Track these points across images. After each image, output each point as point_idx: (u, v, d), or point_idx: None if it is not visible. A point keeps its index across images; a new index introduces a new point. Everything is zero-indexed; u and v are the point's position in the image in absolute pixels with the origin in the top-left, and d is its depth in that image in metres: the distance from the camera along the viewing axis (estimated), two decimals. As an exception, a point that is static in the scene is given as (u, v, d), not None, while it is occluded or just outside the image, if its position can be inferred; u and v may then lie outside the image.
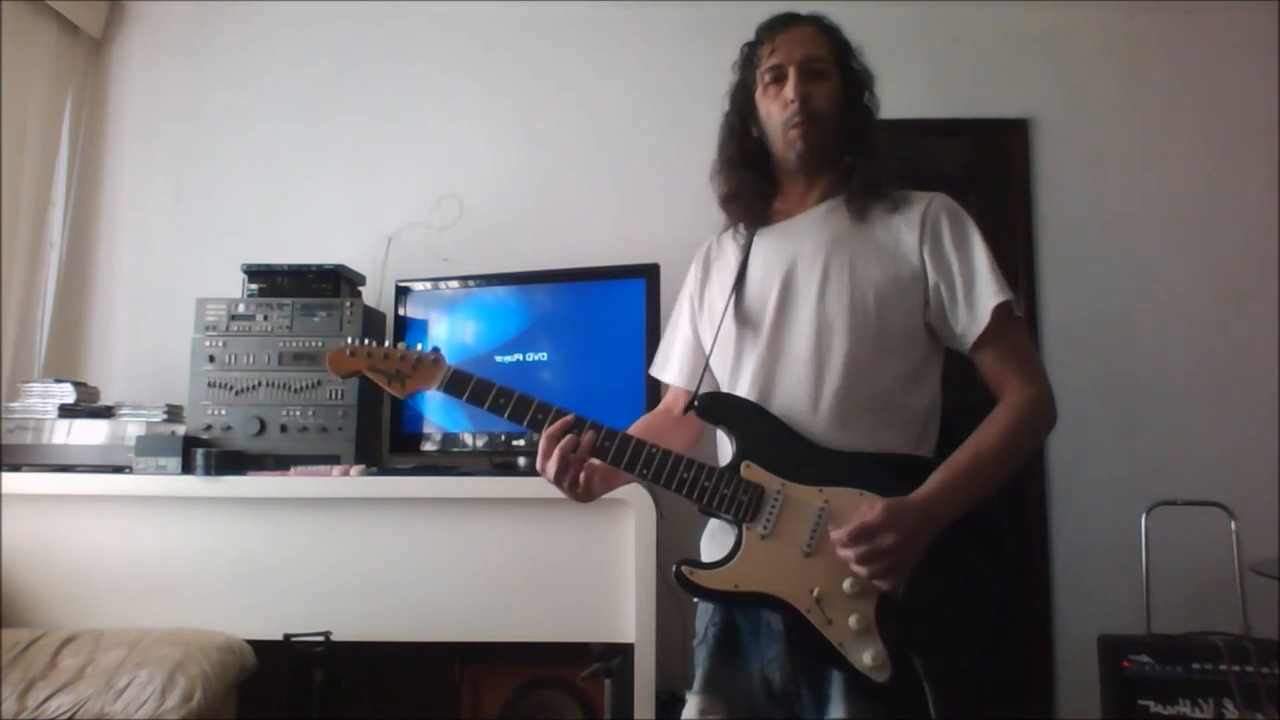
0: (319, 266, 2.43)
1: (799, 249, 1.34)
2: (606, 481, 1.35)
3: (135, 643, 1.95)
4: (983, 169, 2.78)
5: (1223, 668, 2.02)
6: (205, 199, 2.84)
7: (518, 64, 2.85)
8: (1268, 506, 2.40)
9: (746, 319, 1.36)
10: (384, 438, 2.52)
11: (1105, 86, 2.74)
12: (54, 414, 2.32)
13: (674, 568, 1.24)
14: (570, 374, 2.39)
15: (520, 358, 2.43)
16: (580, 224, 2.74)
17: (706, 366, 1.41)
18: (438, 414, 2.45)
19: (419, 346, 1.39)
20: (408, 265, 2.67)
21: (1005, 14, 2.78)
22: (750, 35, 1.42)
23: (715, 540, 1.34)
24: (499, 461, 2.40)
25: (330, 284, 2.43)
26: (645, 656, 1.97)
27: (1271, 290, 2.59)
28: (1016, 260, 2.66)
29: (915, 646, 1.17)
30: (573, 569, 2.07)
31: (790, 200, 1.41)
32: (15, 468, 2.22)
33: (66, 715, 1.82)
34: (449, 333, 2.52)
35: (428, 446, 2.44)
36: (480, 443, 2.38)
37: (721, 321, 1.39)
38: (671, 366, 1.52)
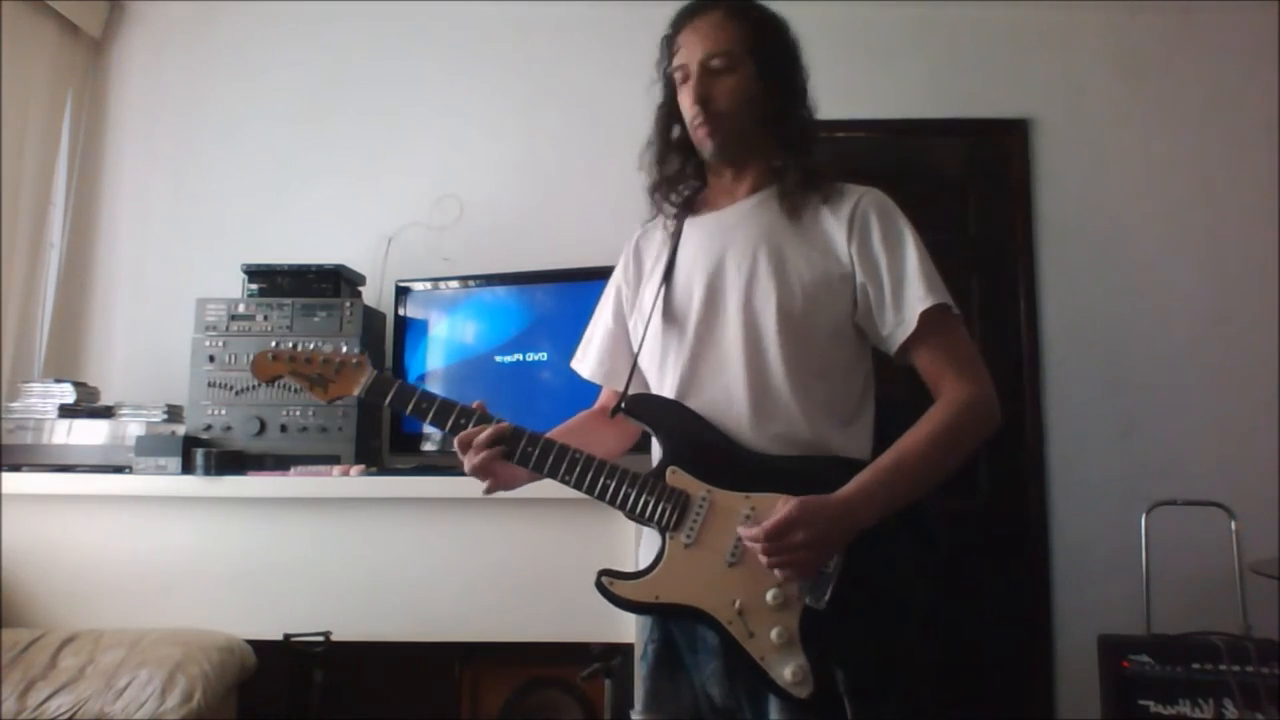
0: (319, 266, 2.43)
1: (727, 244, 1.30)
2: (517, 476, 1.32)
3: (135, 643, 1.95)
4: (982, 169, 2.78)
5: (1223, 668, 2.02)
6: (205, 199, 2.84)
7: (518, 63, 2.85)
8: (1268, 506, 2.39)
9: (673, 316, 1.31)
10: (384, 438, 2.52)
11: (1105, 86, 2.74)
12: (54, 414, 2.32)
13: (596, 577, 1.21)
14: (570, 374, 2.37)
15: (520, 358, 2.43)
16: (580, 224, 2.74)
17: (635, 364, 1.37)
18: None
19: (343, 347, 1.35)
20: (408, 265, 2.67)
21: (1005, 14, 2.78)
22: None
23: (648, 548, 1.29)
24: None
25: (330, 284, 2.43)
26: (645, 656, 1.96)
27: (1271, 290, 2.59)
28: (1017, 260, 2.67)
29: (837, 659, 1.12)
30: (573, 569, 2.06)
31: (718, 191, 1.37)
32: (15, 468, 2.22)
33: (66, 715, 1.82)
34: (449, 333, 2.52)
35: (428, 446, 2.44)
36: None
37: (650, 318, 1.34)
38: (589, 360, 1.48)
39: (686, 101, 1.31)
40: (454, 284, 2.56)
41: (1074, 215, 2.68)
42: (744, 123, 1.29)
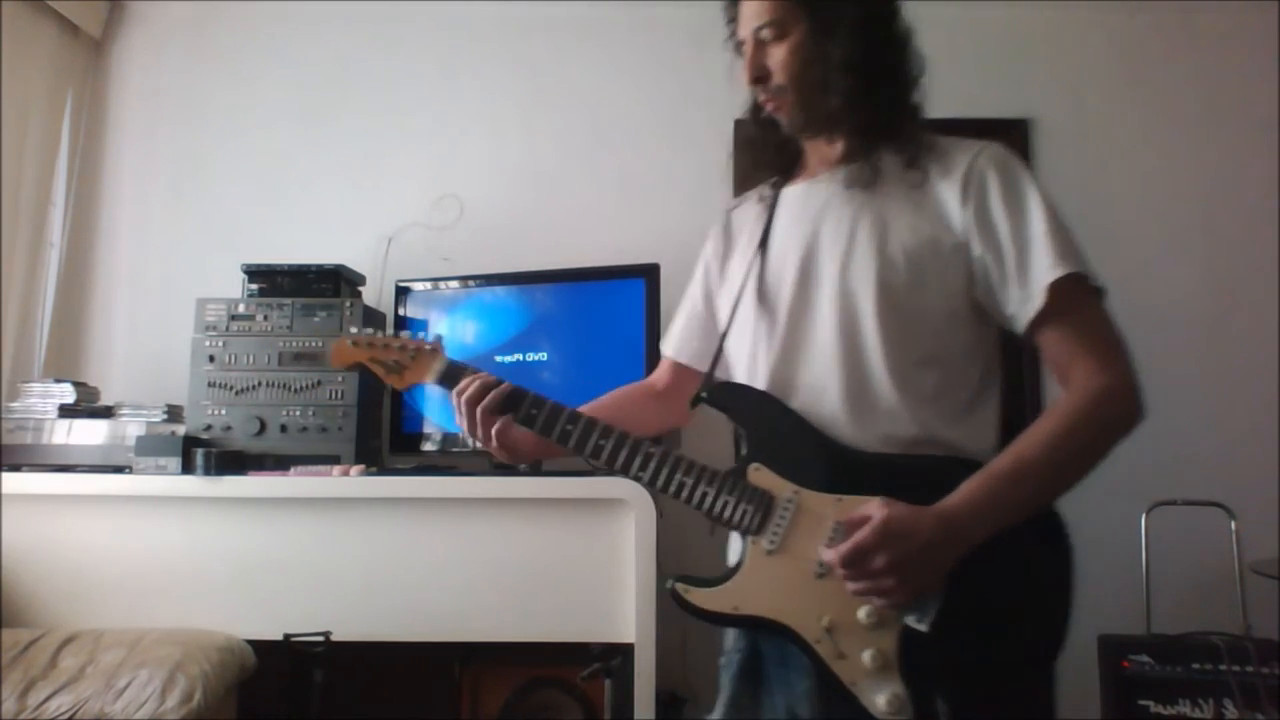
0: (319, 266, 2.43)
1: (823, 214, 1.16)
2: (541, 447, 1.23)
3: (135, 643, 1.95)
4: (983, 169, 2.78)
5: (1223, 668, 2.02)
6: (205, 199, 2.84)
7: (518, 64, 2.85)
8: (1268, 506, 2.39)
9: (766, 298, 1.18)
10: (384, 438, 2.52)
11: (1105, 86, 2.74)
12: (54, 414, 2.32)
13: (669, 584, 1.10)
14: (570, 374, 2.39)
15: (520, 358, 2.43)
16: (580, 224, 2.74)
17: (720, 348, 1.25)
18: (438, 414, 2.45)
19: (420, 336, 1.29)
20: (408, 265, 2.67)
21: (1005, 14, 2.78)
22: None
23: (732, 547, 1.17)
24: (499, 462, 2.39)
25: (330, 284, 2.43)
26: (645, 656, 1.97)
27: (1271, 290, 2.59)
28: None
29: (940, 688, 0.99)
30: (573, 569, 2.07)
31: (815, 157, 1.23)
32: (15, 468, 2.22)
33: (66, 715, 1.81)
34: (449, 333, 2.51)
35: (428, 446, 2.44)
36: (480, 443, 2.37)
37: (739, 299, 1.21)
38: (672, 339, 1.37)
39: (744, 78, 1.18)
40: (454, 284, 2.56)
41: (1074, 215, 2.65)
42: (810, 91, 1.14)
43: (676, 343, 1.36)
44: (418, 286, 2.57)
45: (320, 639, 2.00)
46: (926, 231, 1.09)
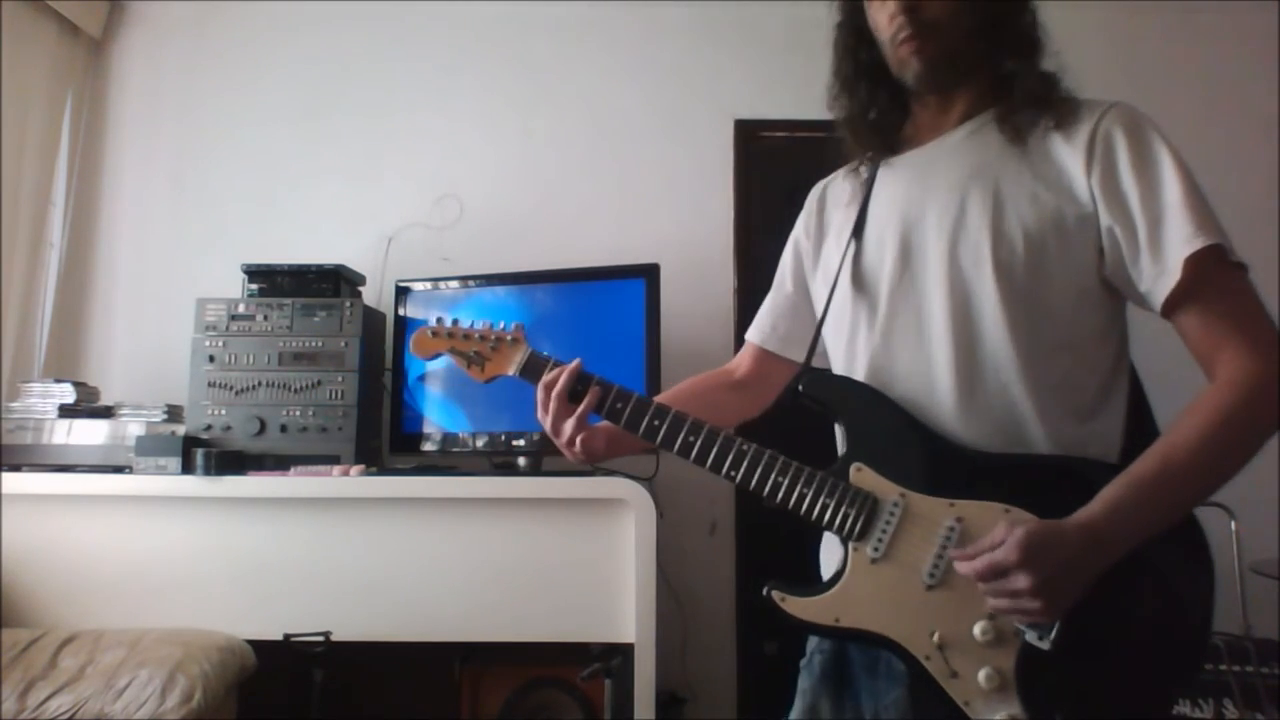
0: (319, 266, 2.43)
1: (929, 187, 1.05)
2: (615, 445, 1.15)
3: (135, 643, 1.95)
4: (983, 169, 2.77)
5: (1223, 668, 2.02)
6: (205, 199, 2.84)
7: (518, 64, 2.85)
8: (1268, 506, 2.39)
9: (863, 281, 1.08)
10: (384, 438, 2.52)
11: (1105, 86, 2.74)
12: (54, 414, 2.32)
13: (764, 590, 1.01)
14: (570, 374, 2.39)
15: (520, 358, 2.43)
16: (580, 224, 2.74)
17: (817, 336, 1.16)
18: (438, 414, 2.45)
19: (501, 324, 1.21)
20: (408, 265, 2.67)
21: (1005, 14, 2.78)
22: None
23: (829, 551, 1.08)
24: (499, 461, 2.40)
25: (330, 284, 2.43)
26: (645, 656, 1.97)
27: (1272, 290, 2.57)
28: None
29: (1063, 711, 0.91)
30: (573, 569, 2.07)
31: (922, 124, 1.12)
32: (15, 468, 2.22)
33: (66, 715, 1.81)
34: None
35: (428, 446, 2.44)
36: (480, 443, 2.38)
37: (836, 281, 1.11)
38: (760, 324, 1.28)
39: (884, 13, 1.05)
40: (454, 284, 2.56)
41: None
42: (958, 35, 1.03)
43: (762, 328, 1.27)
44: (418, 286, 2.57)
45: (320, 639, 2.00)
46: (1048, 202, 0.98)
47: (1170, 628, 0.93)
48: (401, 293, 2.57)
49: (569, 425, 1.11)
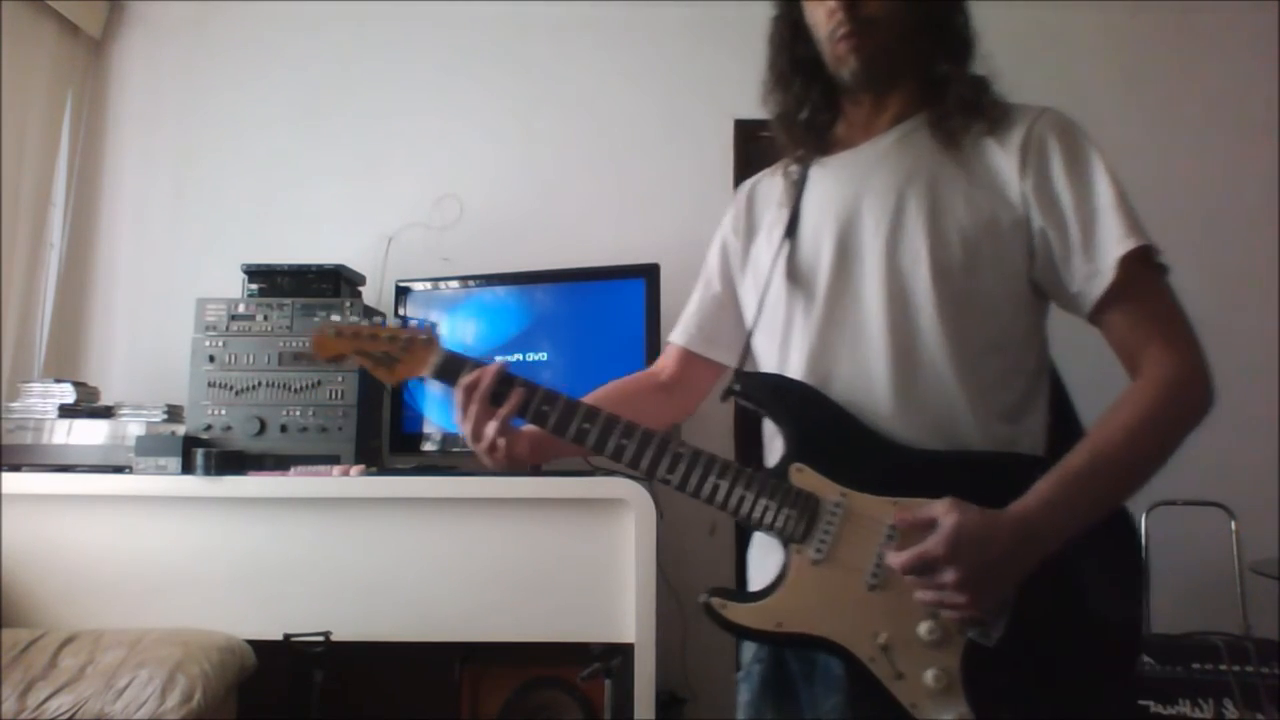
0: (319, 266, 2.43)
1: (864, 187, 1.05)
2: (539, 450, 1.12)
3: (135, 643, 1.95)
4: (983, 169, 2.77)
5: (1223, 668, 2.02)
6: (205, 199, 2.84)
7: (518, 64, 2.85)
8: (1268, 506, 2.39)
9: (798, 280, 1.07)
10: (384, 438, 2.52)
11: (1105, 86, 2.74)
12: (54, 414, 2.32)
13: (703, 599, 0.99)
14: (570, 374, 2.39)
15: (520, 358, 2.43)
16: (580, 224, 2.74)
17: (751, 335, 1.14)
18: (438, 414, 2.45)
19: (413, 324, 1.16)
20: (408, 265, 2.67)
21: (1005, 14, 2.77)
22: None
23: (765, 555, 1.06)
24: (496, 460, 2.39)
25: (330, 284, 2.43)
26: (645, 656, 1.97)
27: (1272, 290, 2.59)
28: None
29: (1011, 709, 0.91)
30: (573, 569, 2.07)
31: (854, 125, 1.12)
32: (15, 468, 2.22)
33: (66, 715, 1.81)
34: (449, 333, 2.52)
35: (428, 446, 2.44)
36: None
37: (769, 281, 1.10)
38: (685, 326, 1.25)
39: (823, 9, 1.04)
40: (454, 284, 2.56)
41: (1074, 215, 2.68)
42: (895, 34, 1.04)
43: (687, 329, 1.25)
44: (418, 286, 2.57)
45: (320, 639, 2.00)
46: (983, 205, 1.00)
47: (1105, 622, 0.94)
48: (401, 293, 2.57)
49: (491, 428, 1.06)
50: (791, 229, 1.09)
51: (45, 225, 2.75)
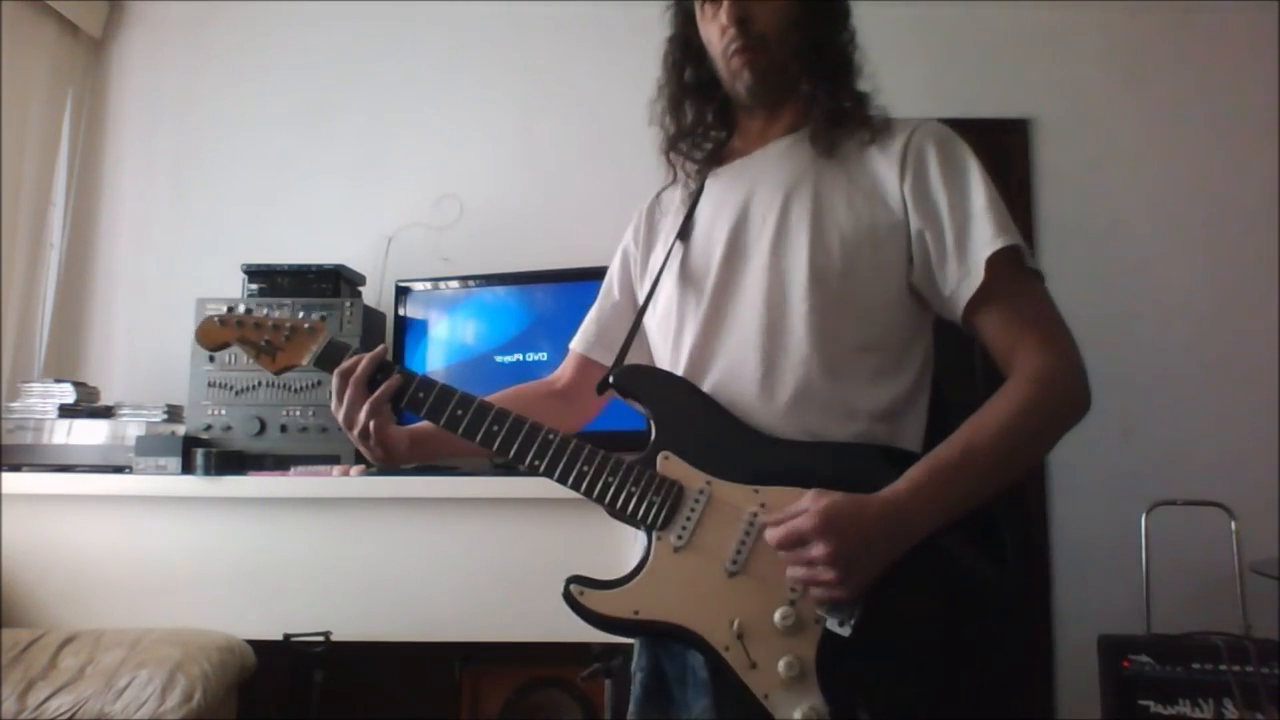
0: (319, 266, 2.43)
1: (753, 192, 1.09)
2: (421, 446, 1.13)
3: (135, 643, 1.95)
4: (983, 169, 2.78)
5: (1223, 668, 2.02)
6: (205, 199, 2.84)
7: (518, 64, 2.85)
8: (1268, 506, 2.39)
9: (689, 279, 1.10)
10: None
11: (1105, 86, 2.74)
12: (54, 414, 2.32)
13: (564, 587, 1.01)
14: (570, 374, 2.39)
15: (520, 358, 2.43)
16: (580, 224, 2.73)
17: (632, 335, 1.17)
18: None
19: (300, 315, 1.19)
20: (408, 265, 2.67)
21: (1005, 14, 2.78)
22: None
23: (636, 545, 1.05)
24: (499, 461, 2.40)
25: (330, 284, 2.43)
26: (645, 656, 1.97)
27: (1271, 290, 2.59)
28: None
29: (863, 700, 0.90)
30: (572, 569, 2.06)
31: (749, 139, 1.16)
32: (15, 468, 2.22)
33: (66, 715, 1.82)
34: (449, 333, 2.52)
35: (428, 446, 2.44)
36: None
37: (657, 281, 1.14)
38: (585, 333, 1.28)
39: (715, 26, 1.09)
40: (454, 284, 2.56)
41: (1074, 215, 2.68)
42: (785, 51, 1.08)
43: (586, 336, 1.28)
44: (418, 286, 2.57)
45: (320, 639, 2.00)
46: (863, 210, 1.03)
47: (965, 617, 0.94)
48: (401, 293, 2.57)
49: (363, 412, 1.07)
50: (685, 232, 1.13)
51: (45, 225, 2.75)
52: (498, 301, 2.50)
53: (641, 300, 1.18)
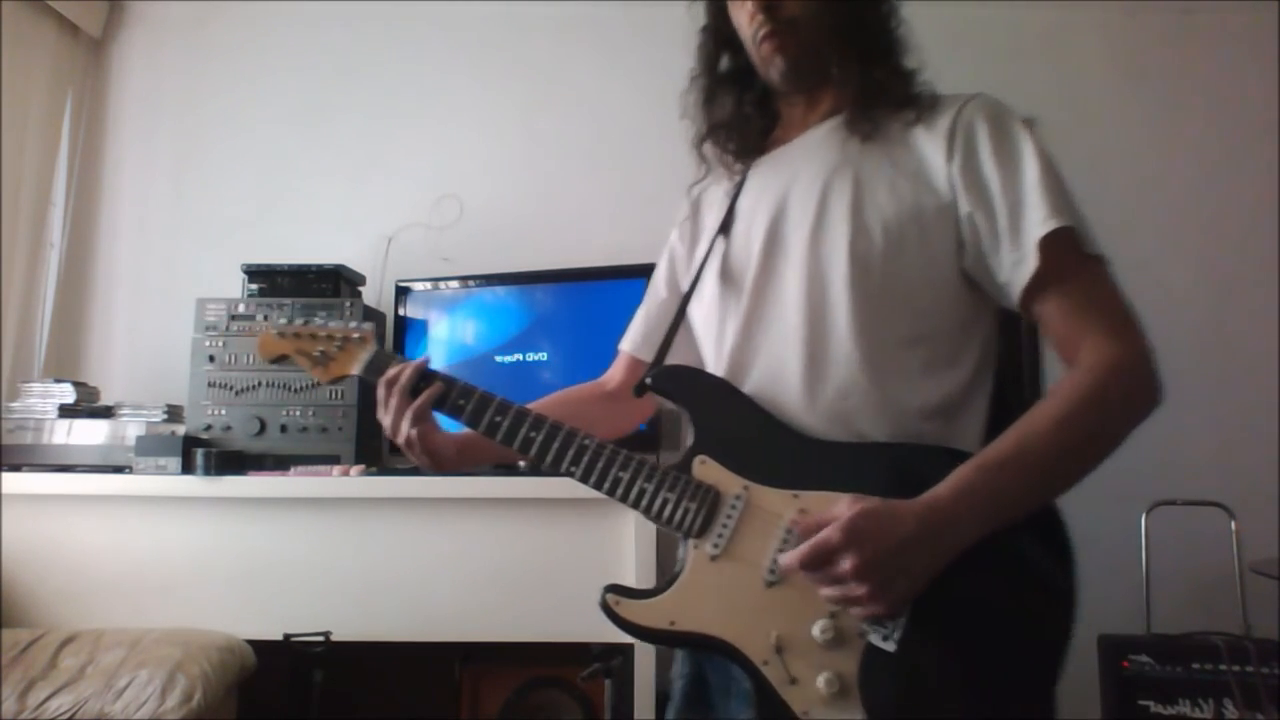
0: (319, 266, 2.43)
1: (792, 182, 1.04)
2: (468, 452, 1.14)
3: (135, 643, 1.95)
4: (983, 169, 2.77)
5: (1223, 668, 2.02)
6: (205, 199, 2.84)
7: (518, 64, 2.85)
8: (1268, 506, 2.39)
9: (730, 276, 1.06)
10: (384, 438, 2.50)
11: (1105, 86, 2.74)
12: (54, 414, 2.32)
13: (599, 597, 0.96)
14: (570, 374, 2.38)
15: (520, 358, 2.43)
16: (580, 224, 2.74)
17: (671, 335, 1.12)
18: (438, 414, 2.45)
19: (351, 325, 1.19)
20: (408, 265, 2.67)
21: (1005, 14, 2.78)
22: None
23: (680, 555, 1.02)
24: (497, 461, 2.39)
25: (330, 284, 2.43)
26: (645, 656, 1.97)
27: (1271, 290, 2.59)
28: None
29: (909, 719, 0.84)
30: (573, 569, 2.07)
31: (790, 127, 1.11)
32: (15, 468, 2.22)
33: (66, 715, 1.81)
34: (449, 333, 2.52)
35: (428, 446, 2.44)
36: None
37: (699, 279, 1.10)
38: (632, 333, 1.25)
39: (744, 12, 1.05)
40: (454, 284, 2.56)
41: (1074, 215, 2.68)
42: (818, 33, 1.02)
43: (634, 337, 1.25)
44: (418, 286, 2.57)
45: (320, 639, 2.00)
46: (907, 193, 0.96)
47: (1023, 629, 0.86)
48: (401, 293, 2.57)
49: (406, 420, 1.08)
50: (726, 226, 1.09)
51: (45, 225, 2.75)
52: (498, 301, 2.50)
53: (692, 304, 1.13)
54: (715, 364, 1.06)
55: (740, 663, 0.89)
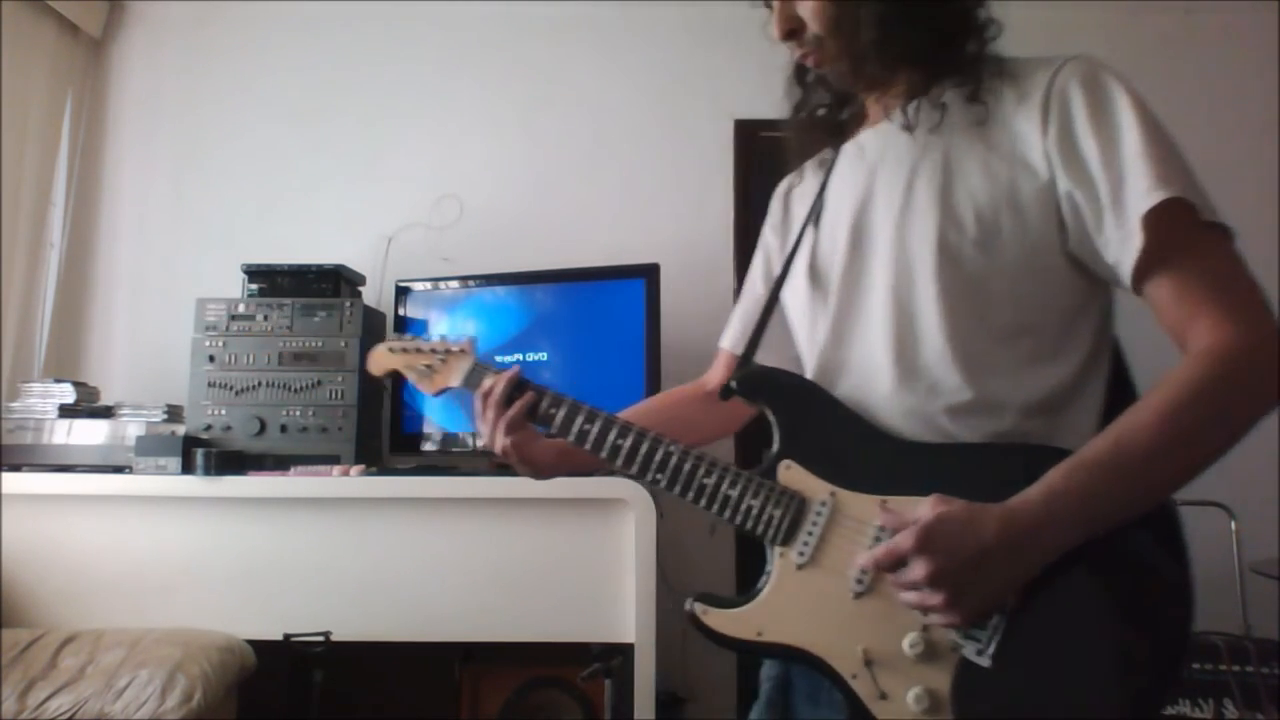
0: (319, 266, 2.43)
1: (877, 167, 0.97)
2: (567, 459, 1.12)
3: (135, 643, 1.95)
4: (983, 169, 2.77)
5: (1223, 668, 2.02)
6: (205, 199, 2.84)
7: (518, 64, 2.85)
8: (1268, 506, 2.39)
9: (818, 271, 1.00)
10: (384, 438, 2.52)
11: (1105, 86, 2.74)
12: (54, 414, 2.32)
13: (687, 605, 0.93)
14: (570, 374, 2.39)
15: (520, 358, 2.43)
16: (580, 224, 2.74)
17: (758, 335, 1.07)
18: (438, 414, 2.45)
19: (454, 338, 1.23)
20: (408, 265, 2.67)
21: (1005, 14, 2.77)
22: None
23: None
24: (499, 461, 2.39)
25: (330, 284, 2.43)
26: (645, 656, 1.97)
27: (1272, 291, 2.58)
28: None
29: None
30: (573, 569, 2.07)
31: (875, 109, 1.04)
32: (15, 468, 2.22)
33: (66, 715, 1.82)
34: (449, 333, 2.52)
35: (428, 446, 2.44)
36: (480, 442, 2.38)
37: (788, 267, 1.05)
38: (730, 331, 1.21)
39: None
40: (454, 284, 2.56)
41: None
42: (848, 33, 0.95)
43: (734, 334, 1.20)
44: (418, 286, 2.57)
45: (320, 639, 2.00)
46: (1001, 174, 0.88)
47: (1132, 642, 0.79)
48: (401, 293, 2.57)
49: (500, 431, 1.08)
50: (815, 218, 1.03)
51: (45, 225, 2.75)
52: (498, 301, 2.50)
53: (787, 300, 1.08)
54: (808, 363, 1.02)
55: (829, 675, 0.86)
